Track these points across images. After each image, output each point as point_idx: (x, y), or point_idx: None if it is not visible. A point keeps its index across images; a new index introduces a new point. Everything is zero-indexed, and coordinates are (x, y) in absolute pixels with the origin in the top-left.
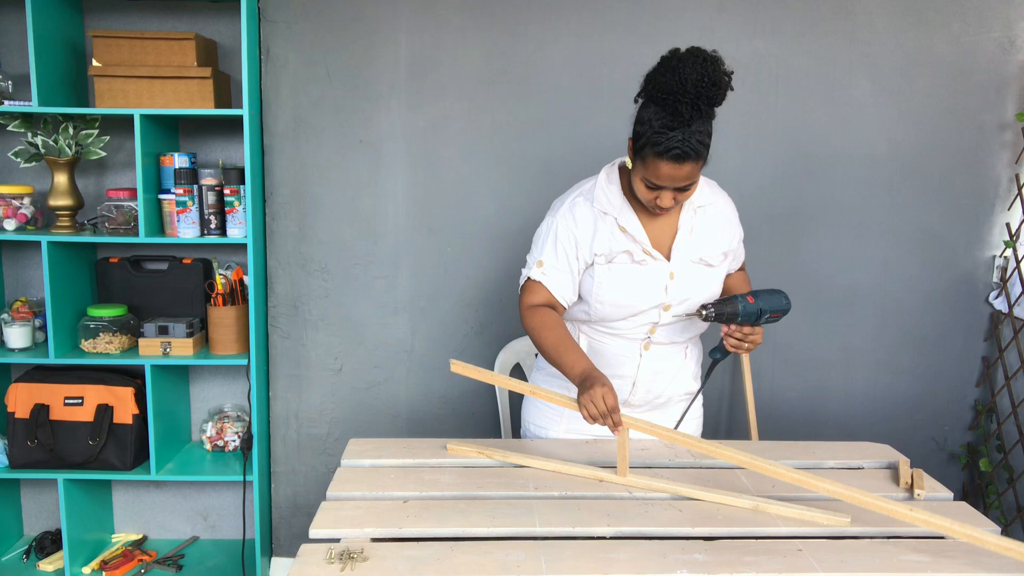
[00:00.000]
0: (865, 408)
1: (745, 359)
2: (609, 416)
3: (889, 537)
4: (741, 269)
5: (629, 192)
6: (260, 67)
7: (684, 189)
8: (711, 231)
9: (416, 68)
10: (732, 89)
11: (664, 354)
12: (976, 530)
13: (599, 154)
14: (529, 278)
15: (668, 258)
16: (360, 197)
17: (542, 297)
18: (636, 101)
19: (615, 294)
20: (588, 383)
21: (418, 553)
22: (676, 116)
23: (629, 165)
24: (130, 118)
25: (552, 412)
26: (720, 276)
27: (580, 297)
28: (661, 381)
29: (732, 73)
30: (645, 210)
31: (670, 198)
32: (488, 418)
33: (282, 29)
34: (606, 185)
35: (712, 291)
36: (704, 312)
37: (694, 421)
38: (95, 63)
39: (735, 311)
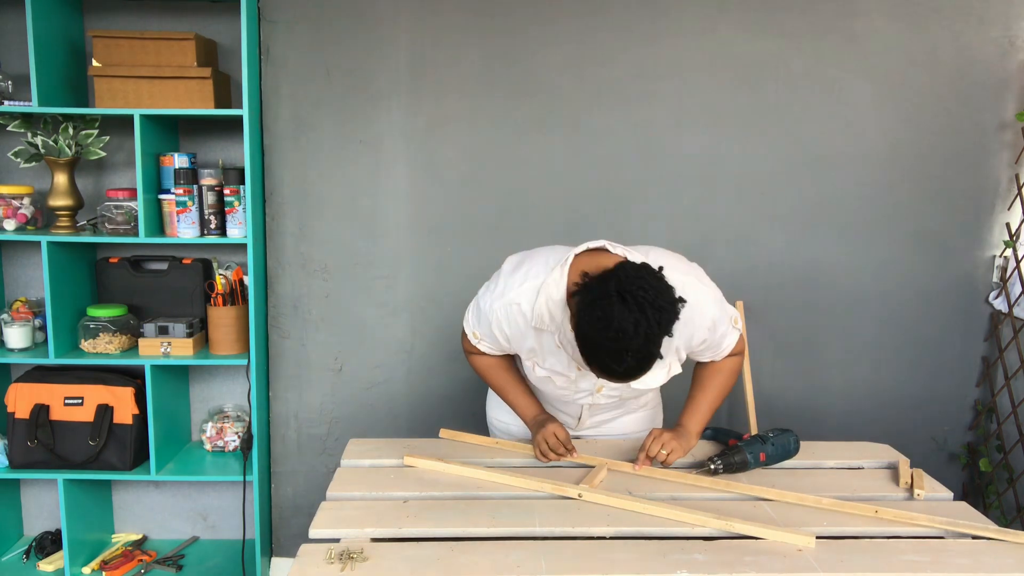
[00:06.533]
0: (865, 408)
1: (745, 359)
2: (562, 446)
3: (889, 537)
4: (733, 355)
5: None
6: (260, 67)
7: None
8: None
9: (416, 68)
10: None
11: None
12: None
13: (599, 154)
14: (467, 331)
15: None
16: (360, 197)
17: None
18: (572, 297)
19: (545, 387)
20: (537, 427)
21: (418, 553)
22: (619, 360)
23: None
24: (130, 118)
25: (507, 413)
26: (663, 369)
27: None
28: (607, 408)
29: (682, 302)
30: None
31: None
32: None
33: (282, 29)
34: (553, 296)
35: (652, 384)
36: (713, 466)
37: (648, 422)
38: (95, 63)
39: (743, 461)
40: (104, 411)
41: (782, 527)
